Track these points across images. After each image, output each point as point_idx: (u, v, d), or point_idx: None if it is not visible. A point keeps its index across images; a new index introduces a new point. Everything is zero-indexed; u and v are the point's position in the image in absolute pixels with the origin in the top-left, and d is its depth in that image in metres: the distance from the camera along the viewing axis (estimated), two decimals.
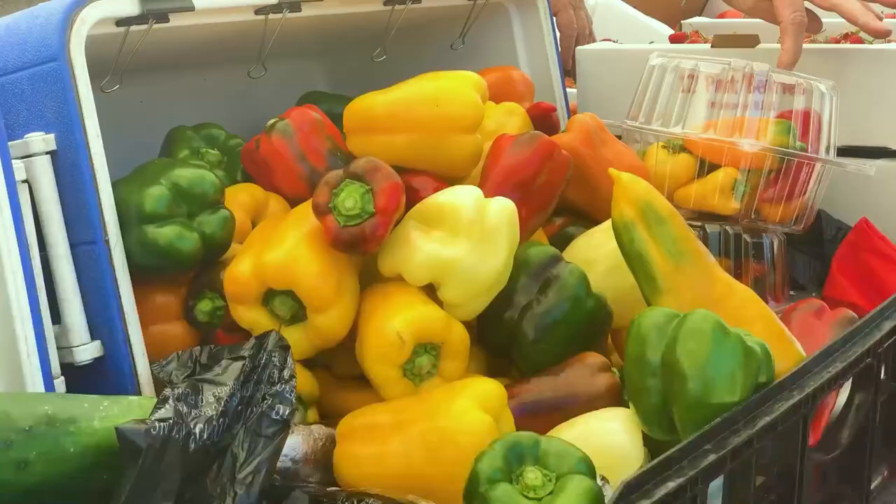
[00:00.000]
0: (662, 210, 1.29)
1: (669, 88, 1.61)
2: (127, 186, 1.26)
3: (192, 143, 1.49)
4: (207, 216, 1.28)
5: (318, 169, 1.42)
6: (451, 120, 1.41)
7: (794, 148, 1.53)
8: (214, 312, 1.29)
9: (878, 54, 1.71)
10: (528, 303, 1.29)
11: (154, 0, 1.32)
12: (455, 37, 1.88)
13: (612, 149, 1.53)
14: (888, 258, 1.62)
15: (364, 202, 1.21)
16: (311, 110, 1.46)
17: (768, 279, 1.59)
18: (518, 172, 1.37)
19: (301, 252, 1.22)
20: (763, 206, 1.57)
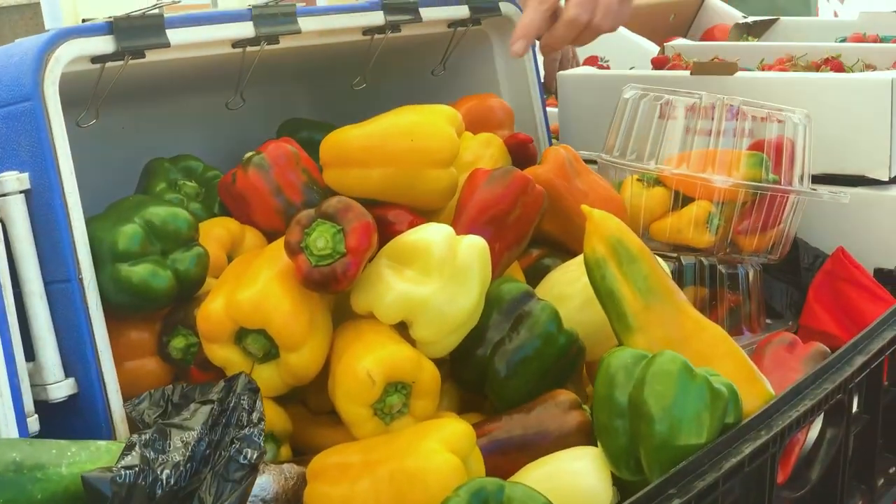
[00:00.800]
0: (633, 247, 1.29)
1: (643, 121, 1.61)
2: (100, 224, 1.27)
3: (170, 176, 1.50)
4: (181, 253, 1.28)
5: (294, 202, 1.43)
6: (426, 154, 1.42)
7: (766, 181, 1.54)
8: (188, 349, 1.30)
9: (856, 83, 1.72)
10: (500, 339, 1.30)
11: (129, 38, 1.32)
12: (437, 62, 1.89)
13: (586, 180, 1.54)
14: (864, 288, 1.63)
15: (335, 242, 1.22)
16: (287, 143, 1.47)
17: (743, 309, 1.60)
18: (491, 208, 1.38)
19: (273, 291, 1.23)
20: (738, 237, 1.57)
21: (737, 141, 1.60)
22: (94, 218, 1.29)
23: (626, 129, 1.65)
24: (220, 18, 1.44)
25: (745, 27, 2.56)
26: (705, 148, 1.59)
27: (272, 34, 1.49)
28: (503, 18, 1.87)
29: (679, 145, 1.61)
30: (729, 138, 1.59)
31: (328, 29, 1.58)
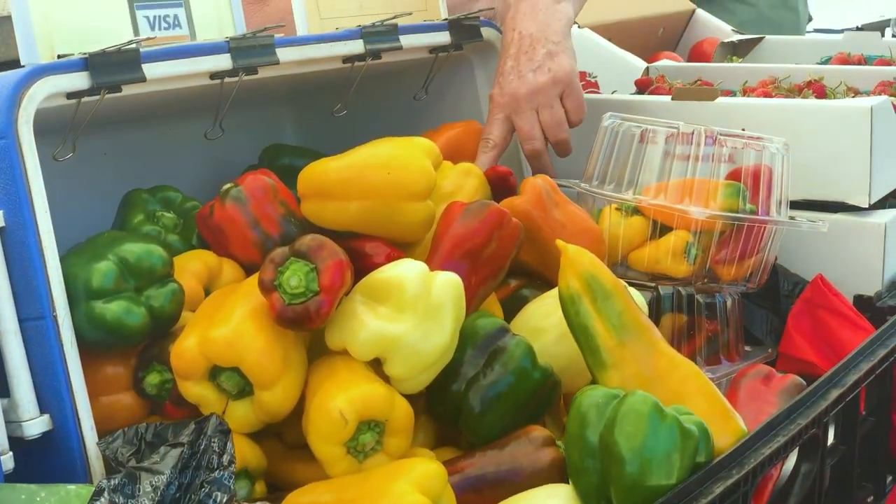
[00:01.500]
0: (607, 283, 1.30)
1: (622, 150, 1.62)
2: (75, 261, 1.27)
3: (148, 207, 1.50)
4: (156, 290, 1.29)
5: (271, 235, 1.44)
6: (403, 187, 1.42)
7: (744, 211, 1.55)
8: (163, 385, 1.30)
9: (835, 110, 1.72)
10: (475, 375, 1.30)
11: (104, 74, 1.32)
12: (420, 86, 1.89)
13: (564, 211, 1.54)
14: (843, 316, 1.63)
15: (308, 281, 1.22)
16: (264, 176, 1.47)
17: (721, 338, 1.60)
18: (467, 242, 1.39)
19: (246, 329, 1.23)
20: (716, 266, 1.58)
21: (714, 167, 1.60)
22: (68, 254, 1.29)
23: (604, 158, 1.65)
24: (197, 51, 1.44)
25: (731, 46, 2.56)
26: (684, 173, 1.60)
27: (250, 66, 1.49)
28: (485, 42, 1.87)
29: (657, 173, 1.62)
30: (707, 164, 1.60)
31: (307, 59, 1.58)
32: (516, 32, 1.78)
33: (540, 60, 1.75)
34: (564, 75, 1.76)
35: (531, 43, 1.77)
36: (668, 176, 1.61)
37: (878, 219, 1.72)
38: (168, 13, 1.49)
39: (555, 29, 1.78)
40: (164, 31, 1.48)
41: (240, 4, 1.58)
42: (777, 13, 4.11)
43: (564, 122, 1.78)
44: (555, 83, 1.75)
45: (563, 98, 1.77)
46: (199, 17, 1.52)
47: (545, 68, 1.75)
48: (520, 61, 1.76)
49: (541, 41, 1.76)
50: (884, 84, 1.97)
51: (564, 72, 1.76)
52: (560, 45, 1.77)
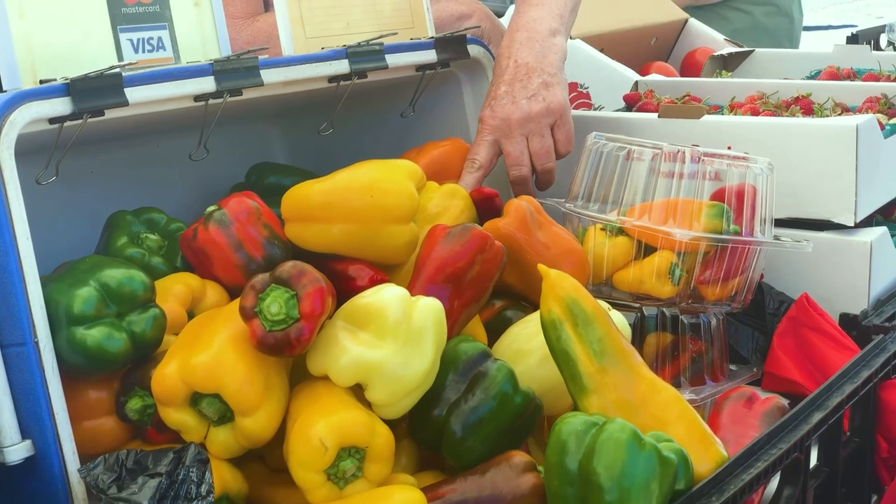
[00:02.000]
0: (589, 309, 1.30)
1: (606, 169, 1.62)
2: (57, 286, 1.27)
3: (132, 229, 1.50)
4: (137, 315, 1.29)
5: (254, 257, 1.44)
6: (385, 210, 1.42)
7: (727, 232, 1.55)
8: (144, 410, 1.30)
9: (820, 129, 1.72)
10: (457, 400, 1.30)
11: (87, 99, 1.32)
12: (407, 103, 1.89)
13: (548, 232, 1.54)
14: (828, 335, 1.63)
15: (289, 307, 1.23)
16: (248, 198, 1.47)
17: (706, 357, 1.60)
18: (449, 265, 1.39)
19: (227, 355, 1.23)
20: (700, 287, 1.58)
21: (699, 185, 1.60)
22: (50, 279, 1.29)
23: (589, 177, 1.66)
24: (181, 74, 1.44)
25: (721, 60, 2.56)
26: (669, 191, 1.60)
27: (234, 88, 1.50)
28: (472, 60, 1.87)
29: (642, 191, 1.62)
30: (692, 182, 1.60)
31: (292, 80, 1.58)
32: (512, 60, 1.79)
33: (535, 89, 1.76)
34: (558, 106, 1.77)
35: (527, 72, 1.77)
36: (653, 195, 1.61)
37: (864, 237, 1.72)
38: (152, 35, 1.49)
39: (550, 61, 1.79)
40: (148, 53, 1.48)
41: (224, 26, 1.58)
42: (772, 20, 4.11)
43: (552, 152, 1.78)
44: (548, 112, 1.76)
45: (554, 128, 1.78)
46: (184, 39, 1.52)
47: (540, 97, 1.75)
48: (514, 87, 1.76)
49: (536, 71, 1.77)
50: (871, 100, 1.97)
51: (558, 103, 1.77)
52: (555, 77, 1.78)
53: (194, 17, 1.54)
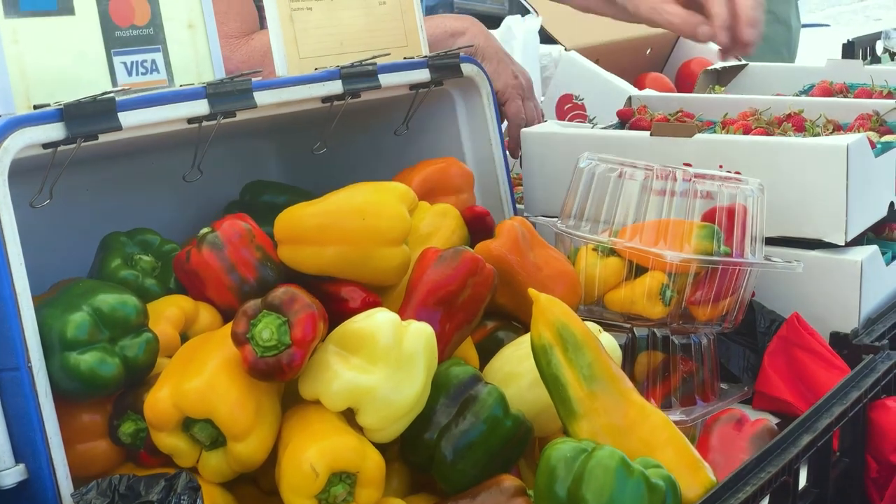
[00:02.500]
0: (578, 334, 1.31)
1: (598, 190, 1.63)
2: (50, 311, 1.28)
3: (126, 250, 1.51)
4: (130, 340, 1.30)
5: (248, 280, 1.44)
6: (377, 233, 1.43)
7: (718, 253, 1.56)
8: (137, 434, 1.31)
9: (811, 148, 1.73)
10: (447, 423, 1.31)
11: (80, 124, 1.33)
12: (400, 121, 1.90)
13: (540, 254, 1.55)
14: (818, 355, 1.64)
15: (280, 333, 1.23)
16: (241, 220, 1.48)
17: (697, 377, 1.61)
18: (441, 289, 1.39)
19: (219, 381, 1.24)
20: (691, 307, 1.59)
21: (690, 203, 1.61)
22: (43, 304, 1.30)
23: (581, 197, 1.67)
24: (174, 98, 1.45)
25: (714, 74, 2.57)
26: (660, 209, 1.61)
27: (228, 110, 1.50)
28: (465, 79, 1.88)
29: (634, 209, 1.63)
30: (684, 200, 1.61)
31: (285, 101, 1.59)
32: None
33: None
34: None
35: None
36: (645, 213, 1.62)
37: (855, 256, 1.73)
38: (146, 58, 1.50)
39: None
40: (142, 76, 1.49)
41: (218, 47, 1.59)
42: (770, 28, 4.11)
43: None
44: None
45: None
46: (178, 62, 1.53)
47: None
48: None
49: None
50: (863, 117, 1.98)
51: None
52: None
53: (188, 39, 1.55)
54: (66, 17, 1.41)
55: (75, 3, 1.42)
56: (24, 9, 1.36)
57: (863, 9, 17.84)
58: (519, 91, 2.17)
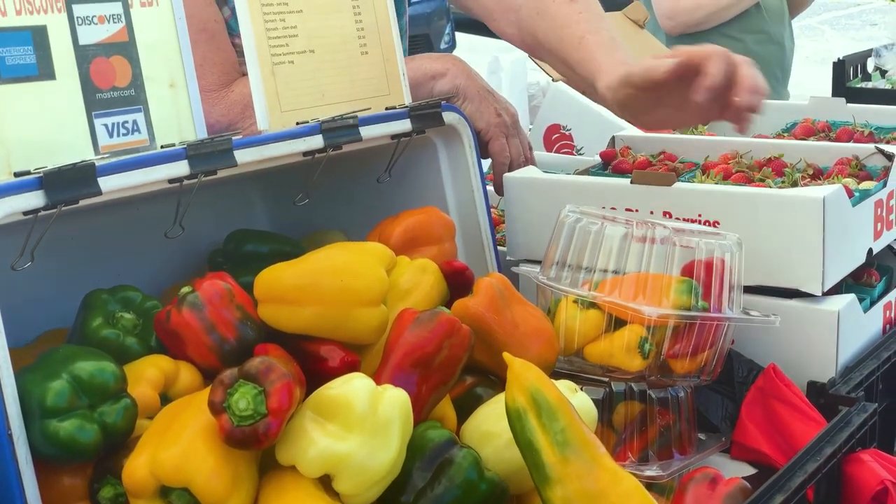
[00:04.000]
0: (552, 399, 1.32)
1: (579, 242, 1.65)
2: (30, 377, 1.30)
3: (107, 308, 1.52)
4: (109, 406, 1.31)
5: (228, 339, 1.46)
6: (355, 294, 1.45)
7: (696, 308, 1.57)
8: (117, 499, 1.32)
9: (788, 200, 1.75)
10: (423, 488, 1.33)
11: (60, 191, 1.35)
12: (383, 168, 1.92)
13: (518, 310, 1.57)
14: (795, 407, 1.65)
15: (256, 403, 1.25)
16: (221, 280, 1.50)
17: (674, 429, 1.63)
18: (417, 351, 1.41)
19: (196, 449, 1.26)
20: (670, 360, 1.60)
21: (670, 250, 1.63)
22: (24, 370, 1.32)
23: (563, 247, 1.68)
24: (155, 160, 1.46)
25: None
26: (640, 255, 1.63)
27: (209, 170, 1.52)
28: (447, 127, 1.90)
29: (615, 260, 1.65)
30: (664, 246, 1.63)
31: (266, 157, 1.61)
32: None
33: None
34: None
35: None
36: (626, 261, 1.64)
37: (832, 306, 1.74)
38: (127, 119, 1.51)
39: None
40: (123, 137, 1.51)
41: (200, 105, 1.61)
42: (763, 48, 4.15)
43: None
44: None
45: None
46: (159, 121, 1.55)
47: None
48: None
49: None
50: (842, 162, 2.00)
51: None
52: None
53: (169, 98, 1.57)
54: (47, 81, 1.43)
55: (56, 67, 1.43)
56: (6, 75, 1.38)
57: (859, 13, 17.87)
58: (502, 129, 2.18)
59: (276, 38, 1.72)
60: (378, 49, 1.89)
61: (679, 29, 3.98)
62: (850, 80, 4.50)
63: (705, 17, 3.98)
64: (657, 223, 1.61)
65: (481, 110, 2.14)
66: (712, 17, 3.98)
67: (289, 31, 1.74)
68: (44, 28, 1.42)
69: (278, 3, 1.73)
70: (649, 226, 1.61)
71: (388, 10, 1.90)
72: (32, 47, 1.41)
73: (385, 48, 1.90)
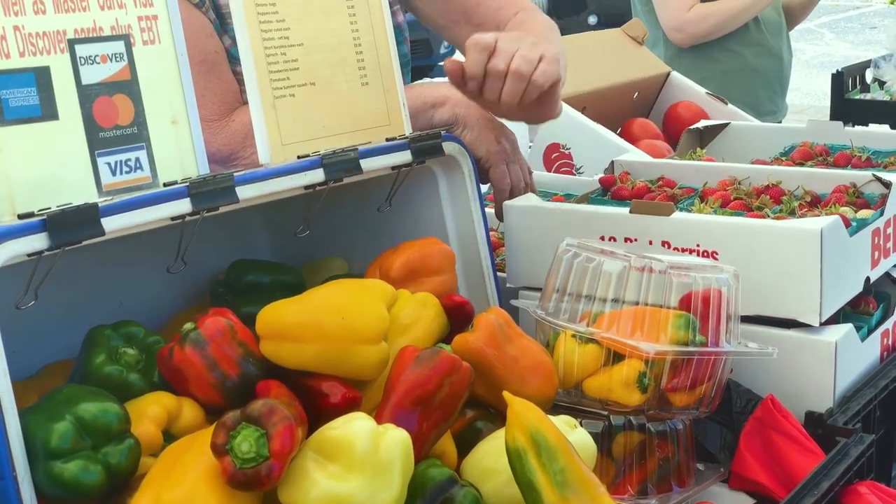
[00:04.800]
0: (552, 439, 1.34)
1: (577, 276, 1.66)
2: (34, 419, 1.31)
3: (111, 344, 1.53)
4: (112, 447, 1.33)
5: (230, 376, 1.48)
6: (356, 332, 1.47)
7: (693, 343, 1.59)
8: None
9: (786, 231, 1.76)
10: None
11: (63, 233, 1.36)
12: (383, 198, 1.93)
13: (517, 345, 1.58)
14: (792, 439, 1.67)
15: (259, 446, 1.26)
16: (223, 317, 1.51)
17: (673, 461, 1.64)
18: (418, 389, 1.42)
19: (199, 491, 1.27)
20: (668, 393, 1.62)
21: (667, 280, 1.64)
22: (28, 411, 1.33)
23: (562, 281, 1.70)
24: (157, 199, 1.48)
25: (697, 133, 2.60)
26: (639, 285, 1.64)
27: (211, 206, 1.53)
28: (447, 157, 1.91)
29: (613, 292, 1.66)
30: (662, 276, 1.64)
31: (268, 193, 1.62)
32: None
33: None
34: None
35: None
36: (625, 289, 1.65)
37: (829, 337, 1.76)
38: (129, 157, 1.52)
39: None
40: (126, 174, 1.52)
41: (202, 141, 1.62)
42: (762, 61, 4.16)
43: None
44: None
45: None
46: (161, 158, 1.56)
47: None
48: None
49: None
50: (839, 190, 2.01)
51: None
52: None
53: (172, 135, 1.58)
54: (51, 122, 1.44)
55: (59, 107, 1.44)
56: (9, 117, 1.39)
57: (858, 17, 17.91)
58: (503, 156, 2.19)
59: (277, 71, 1.73)
60: (378, 79, 1.90)
61: (689, 41, 4.00)
62: (849, 91, 4.52)
63: (713, 27, 3.99)
64: (654, 258, 1.62)
65: (481, 138, 2.15)
66: (720, 27, 3.99)
67: (290, 64, 1.75)
68: (47, 69, 1.43)
69: (279, 38, 1.74)
70: (647, 260, 1.62)
71: (388, 40, 1.91)
72: (35, 88, 1.42)
73: (385, 78, 1.91)
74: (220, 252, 1.94)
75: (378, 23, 1.90)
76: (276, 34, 1.74)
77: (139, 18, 1.56)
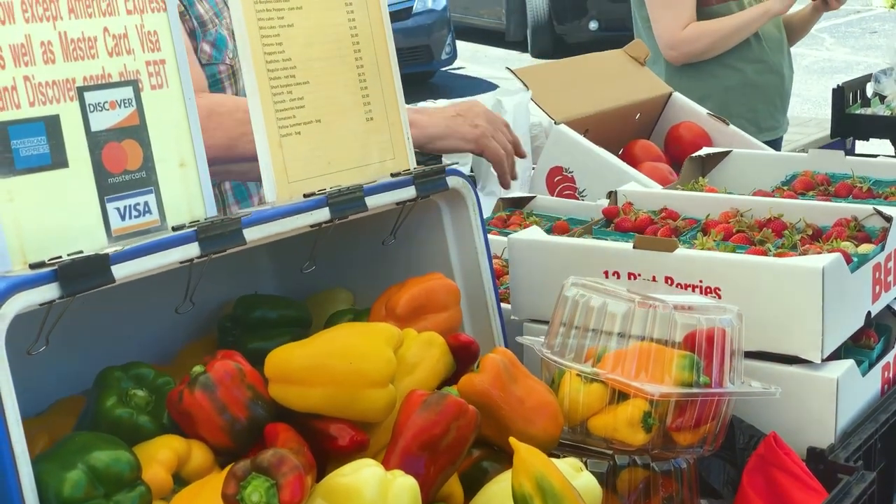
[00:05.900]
0: (557, 485, 1.35)
1: (581, 318, 1.68)
2: (47, 467, 1.33)
3: (121, 385, 1.55)
4: (124, 495, 1.35)
5: (239, 419, 1.49)
6: (363, 376, 1.49)
7: (697, 384, 1.60)
8: None
9: (788, 269, 1.78)
10: None
11: (74, 283, 1.38)
12: (388, 232, 1.95)
13: (522, 385, 1.60)
14: (795, 476, 1.68)
15: (269, 496, 1.28)
16: (231, 360, 1.53)
17: (676, 499, 1.65)
18: (425, 433, 1.44)
19: None
20: (673, 433, 1.63)
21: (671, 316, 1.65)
22: (40, 459, 1.35)
23: (567, 321, 1.71)
24: (166, 245, 1.49)
25: (699, 161, 2.61)
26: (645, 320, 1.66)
27: (219, 250, 1.55)
28: (451, 191, 1.93)
29: (620, 324, 1.67)
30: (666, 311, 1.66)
31: (274, 233, 1.64)
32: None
33: None
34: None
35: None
36: (631, 324, 1.66)
37: (831, 373, 1.77)
38: (138, 201, 1.54)
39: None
40: (135, 219, 1.54)
41: (209, 182, 1.64)
42: (762, 77, 4.17)
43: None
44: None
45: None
46: (169, 201, 1.57)
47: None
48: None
49: None
50: (841, 223, 2.02)
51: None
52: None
53: (179, 178, 1.60)
54: (61, 170, 1.45)
55: (69, 154, 1.46)
56: (20, 167, 1.41)
57: (858, 21, 17.92)
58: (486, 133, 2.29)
59: (283, 109, 1.75)
60: (383, 114, 1.92)
61: (682, 59, 4.01)
62: (850, 105, 4.54)
63: (707, 46, 4.00)
64: (658, 300, 1.64)
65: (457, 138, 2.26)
66: (714, 47, 4.00)
67: (296, 102, 1.77)
68: (56, 118, 1.45)
69: (286, 77, 1.76)
70: (651, 300, 1.64)
71: (392, 76, 1.93)
72: (46, 137, 1.43)
73: (390, 113, 1.93)
74: (227, 286, 1.96)
75: (383, 57, 1.92)
76: (283, 73, 1.75)
77: (147, 63, 1.57)
